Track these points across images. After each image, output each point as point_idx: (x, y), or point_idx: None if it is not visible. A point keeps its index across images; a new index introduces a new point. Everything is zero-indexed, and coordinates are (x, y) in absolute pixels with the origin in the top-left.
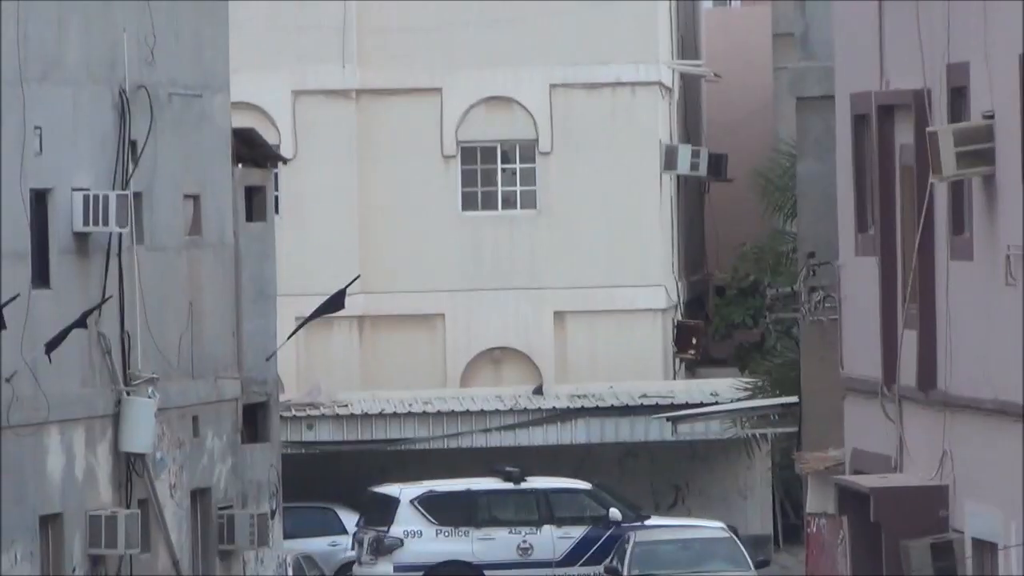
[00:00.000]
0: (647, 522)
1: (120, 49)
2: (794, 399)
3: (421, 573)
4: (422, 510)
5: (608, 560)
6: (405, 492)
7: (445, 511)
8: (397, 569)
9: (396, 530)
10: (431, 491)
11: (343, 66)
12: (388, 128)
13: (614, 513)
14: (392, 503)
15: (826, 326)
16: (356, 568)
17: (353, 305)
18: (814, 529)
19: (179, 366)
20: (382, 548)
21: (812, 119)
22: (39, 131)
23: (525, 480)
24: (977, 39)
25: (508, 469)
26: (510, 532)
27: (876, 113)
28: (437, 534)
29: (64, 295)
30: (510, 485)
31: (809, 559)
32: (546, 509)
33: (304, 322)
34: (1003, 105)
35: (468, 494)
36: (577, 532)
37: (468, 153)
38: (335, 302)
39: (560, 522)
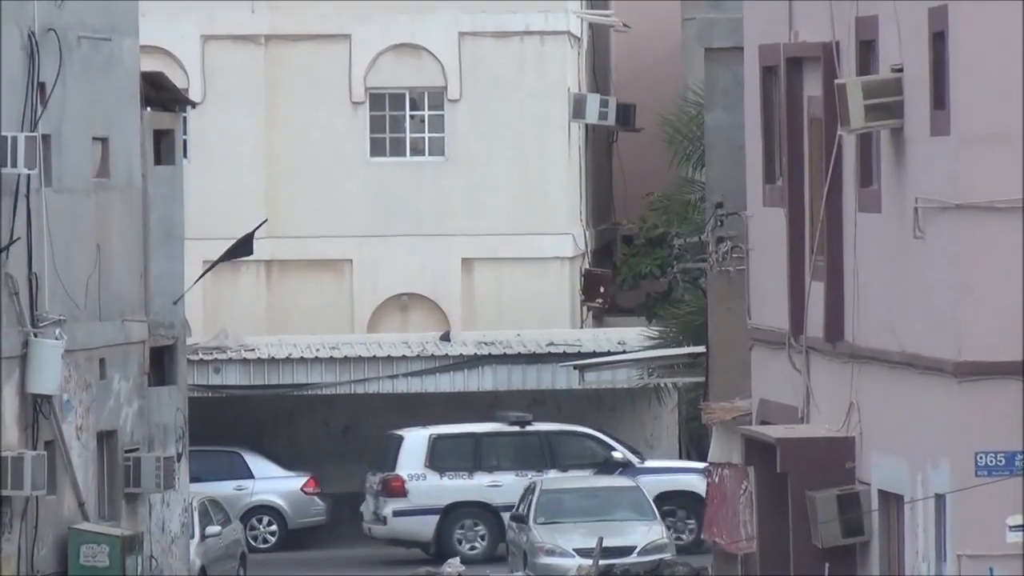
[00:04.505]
0: (644, 464)
1: None
2: (701, 349)
3: (437, 515)
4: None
5: (515, 508)
6: (410, 435)
7: (450, 455)
8: (405, 513)
9: (401, 472)
10: (437, 434)
11: (252, 11)
12: (296, 74)
13: (616, 456)
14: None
15: (733, 276)
16: (365, 507)
17: (260, 249)
18: (716, 479)
19: (86, 308)
20: (390, 490)
21: (720, 70)
22: None
23: (531, 424)
24: None
25: (516, 415)
26: (516, 476)
27: (784, 65)
28: (442, 477)
29: None
30: (515, 429)
31: (709, 508)
32: (550, 453)
33: (212, 266)
34: (912, 58)
35: (474, 437)
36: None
37: (376, 99)
38: (243, 246)
39: (565, 465)
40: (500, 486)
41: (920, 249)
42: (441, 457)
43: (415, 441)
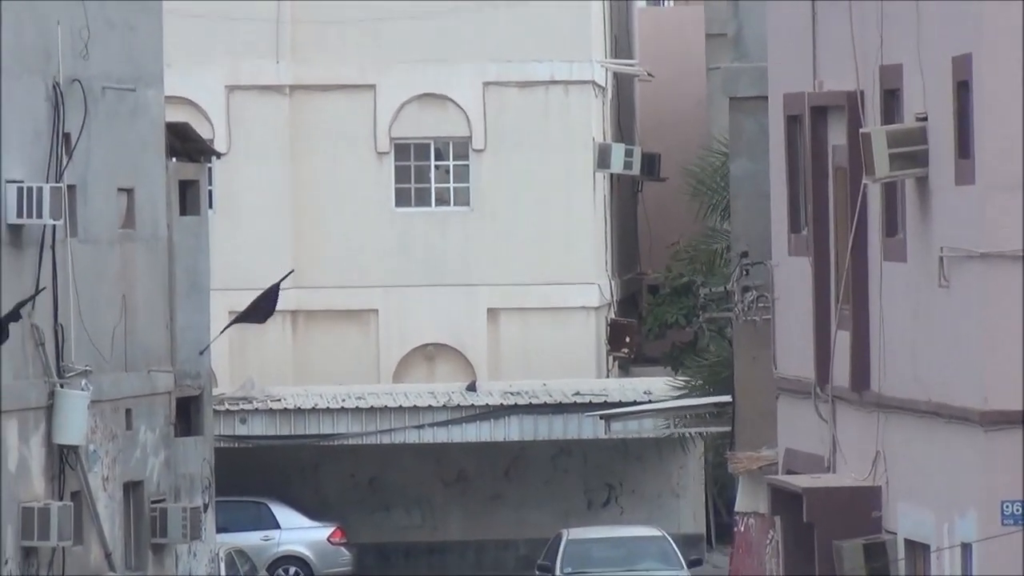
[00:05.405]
0: None
1: (53, 42)
2: (727, 398)
3: None
4: None
5: (541, 557)
6: None
7: None
8: None
9: None
10: None
11: (277, 61)
12: (321, 124)
13: None
14: None
15: (759, 326)
16: None
17: (286, 300)
18: (742, 528)
19: (112, 359)
20: None
21: (745, 119)
22: None
23: None
24: (910, 41)
25: None
26: None
27: (809, 114)
28: None
29: None
30: None
31: (734, 558)
32: None
33: (236, 319)
34: (936, 107)
35: None
36: None
37: (401, 149)
38: (268, 299)
39: None
40: None
41: (946, 298)
42: None
43: None
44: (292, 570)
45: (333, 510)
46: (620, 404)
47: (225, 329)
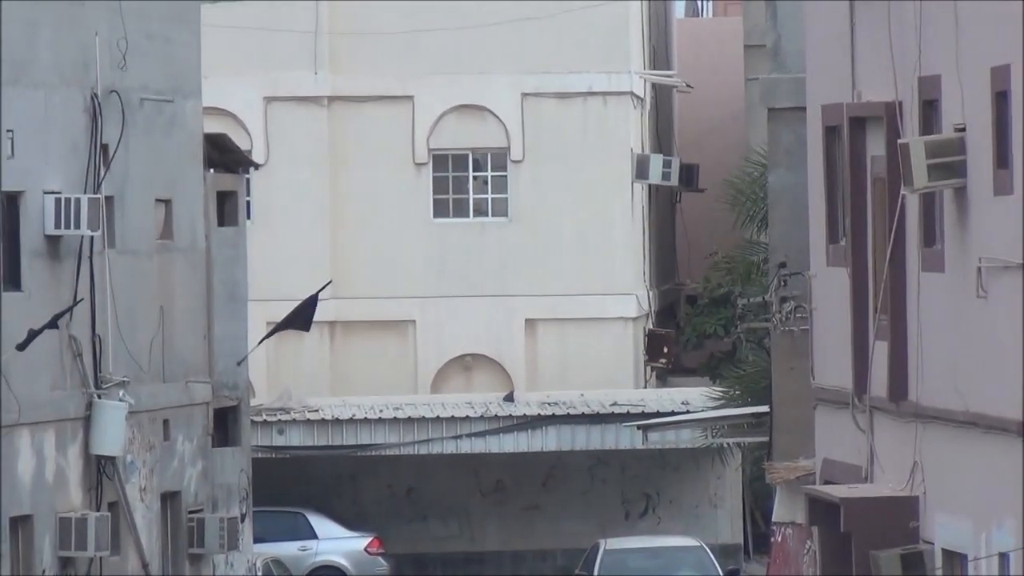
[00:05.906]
0: None
1: (92, 53)
2: (765, 409)
3: None
4: None
5: (578, 567)
6: None
7: None
8: None
9: None
10: None
11: (315, 72)
12: (360, 135)
13: None
14: None
15: (797, 336)
16: None
17: (324, 311)
18: (779, 538)
19: (150, 369)
20: None
21: (783, 130)
22: (10, 134)
23: None
24: (948, 52)
25: None
26: None
27: (847, 125)
28: None
29: (35, 298)
30: None
31: (771, 568)
32: None
33: (274, 330)
34: (974, 118)
35: None
36: None
37: (439, 160)
38: (306, 309)
39: None
40: None
41: (984, 308)
42: None
43: None
44: None
45: (370, 520)
46: (658, 414)
47: (263, 340)
